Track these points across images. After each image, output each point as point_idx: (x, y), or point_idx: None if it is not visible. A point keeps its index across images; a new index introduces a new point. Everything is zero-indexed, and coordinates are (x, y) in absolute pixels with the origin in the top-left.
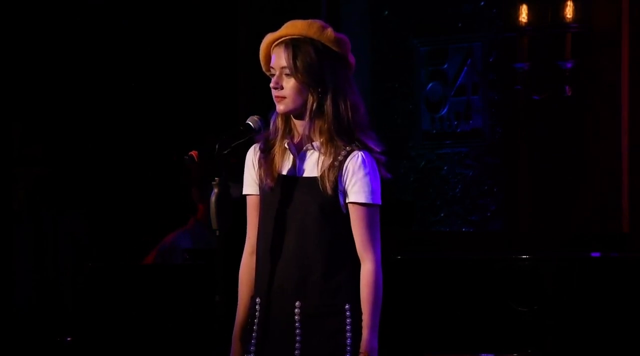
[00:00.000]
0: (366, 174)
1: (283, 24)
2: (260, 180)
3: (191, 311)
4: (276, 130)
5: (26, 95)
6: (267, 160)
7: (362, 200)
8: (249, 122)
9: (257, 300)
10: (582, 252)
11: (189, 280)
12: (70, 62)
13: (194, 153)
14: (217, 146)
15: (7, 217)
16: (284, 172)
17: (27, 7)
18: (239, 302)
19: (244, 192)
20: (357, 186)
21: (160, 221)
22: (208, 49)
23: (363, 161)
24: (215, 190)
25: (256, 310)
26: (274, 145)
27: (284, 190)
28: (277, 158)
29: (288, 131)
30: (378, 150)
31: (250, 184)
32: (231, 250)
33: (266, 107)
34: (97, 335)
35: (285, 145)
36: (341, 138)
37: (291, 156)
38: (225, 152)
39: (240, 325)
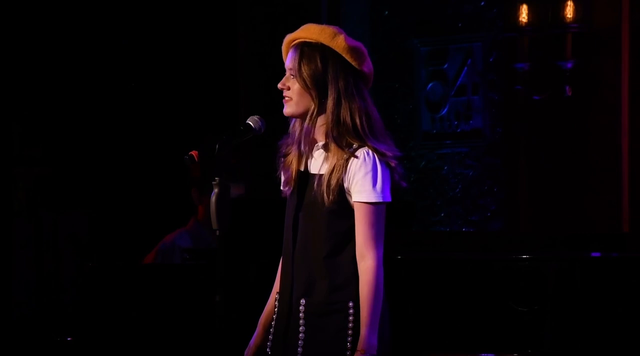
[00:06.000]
0: (367, 173)
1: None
2: (282, 181)
3: (191, 311)
4: (294, 133)
5: (26, 95)
6: (285, 164)
7: (362, 199)
8: (249, 122)
9: (277, 296)
10: (582, 252)
11: (189, 280)
12: (71, 63)
13: (194, 153)
14: (217, 146)
15: (7, 217)
16: (299, 170)
17: (27, 7)
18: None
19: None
20: (358, 185)
21: (161, 221)
22: (208, 48)
23: (364, 160)
24: (215, 190)
25: (275, 306)
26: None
27: (297, 188)
28: (293, 160)
29: (304, 134)
30: (389, 154)
31: None
32: (231, 250)
33: (266, 107)
34: (97, 335)
35: (300, 144)
36: (344, 143)
37: (304, 156)
38: (225, 152)
39: (266, 312)
